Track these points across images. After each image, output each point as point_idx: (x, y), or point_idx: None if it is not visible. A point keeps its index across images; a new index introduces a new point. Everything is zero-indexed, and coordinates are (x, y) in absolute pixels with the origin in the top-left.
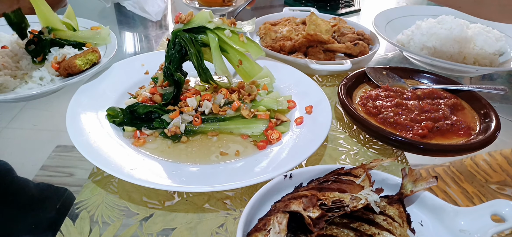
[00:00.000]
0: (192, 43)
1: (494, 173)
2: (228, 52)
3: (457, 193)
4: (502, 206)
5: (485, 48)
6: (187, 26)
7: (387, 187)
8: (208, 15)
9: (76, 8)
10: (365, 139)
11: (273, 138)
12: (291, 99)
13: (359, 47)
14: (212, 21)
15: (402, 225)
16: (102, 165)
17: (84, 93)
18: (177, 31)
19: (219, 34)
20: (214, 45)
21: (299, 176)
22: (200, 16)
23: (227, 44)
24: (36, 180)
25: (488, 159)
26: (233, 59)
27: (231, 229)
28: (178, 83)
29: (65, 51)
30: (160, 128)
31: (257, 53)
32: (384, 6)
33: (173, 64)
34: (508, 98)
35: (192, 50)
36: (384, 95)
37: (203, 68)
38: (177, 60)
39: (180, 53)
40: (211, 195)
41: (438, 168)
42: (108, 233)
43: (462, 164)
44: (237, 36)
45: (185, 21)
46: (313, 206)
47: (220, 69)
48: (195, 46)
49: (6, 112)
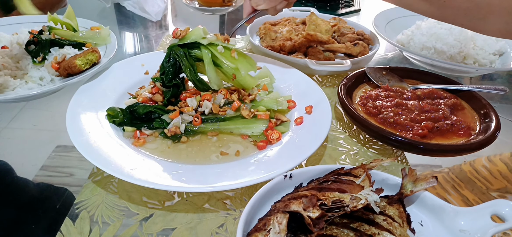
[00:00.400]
0: (185, 57)
1: (495, 180)
2: (222, 66)
3: (458, 201)
4: (502, 206)
5: (485, 48)
6: (182, 41)
7: (387, 187)
8: (201, 32)
9: (76, 8)
10: (365, 139)
11: (273, 138)
12: (291, 99)
13: (359, 47)
14: (206, 37)
15: (402, 225)
16: (102, 165)
17: (84, 93)
18: (173, 46)
19: (212, 50)
20: (207, 60)
21: (299, 176)
22: (194, 32)
23: (220, 60)
24: (36, 180)
25: (487, 165)
26: (228, 73)
27: (231, 229)
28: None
29: (65, 51)
30: (160, 128)
31: (247, 69)
32: (384, 6)
33: (167, 76)
34: (508, 98)
35: (185, 64)
36: (384, 95)
37: (198, 79)
38: (171, 73)
39: (175, 67)
40: (211, 195)
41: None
42: (108, 233)
43: (462, 170)
44: (229, 51)
45: (180, 36)
46: (313, 206)
47: (214, 83)
48: (189, 61)
49: (6, 112)
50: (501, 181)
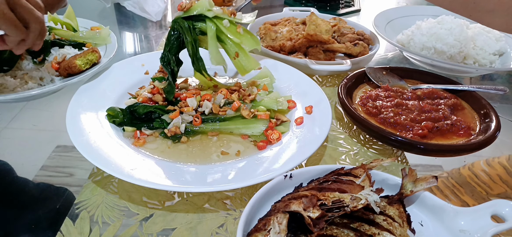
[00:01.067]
0: (189, 31)
1: (495, 185)
2: (226, 43)
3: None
4: (502, 206)
5: (485, 48)
6: (187, 13)
7: (387, 187)
8: (207, 3)
9: (76, 8)
10: (365, 139)
11: (273, 138)
12: (291, 99)
13: (359, 47)
14: (212, 9)
15: (402, 225)
16: (102, 165)
17: (84, 93)
18: (177, 18)
19: (217, 24)
20: (211, 34)
21: (299, 176)
22: (200, 4)
23: (225, 34)
24: (36, 180)
25: (487, 169)
26: (230, 50)
27: (231, 229)
28: (173, 72)
29: (65, 51)
30: (160, 128)
31: (252, 45)
32: (384, 6)
33: (172, 52)
34: (508, 98)
35: (188, 38)
36: (384, 95)
37: (198, 57)
38: (176, 48)
39: (178, 41)
40: (211, 195)
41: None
42: (108, 233)
43: (461, 175)
44: (235, 27)
45: (185, 9)
46: (313, 206)
47: (214, 59)
48: (192, 35)
49: (6, 112)
50: (501, 186)
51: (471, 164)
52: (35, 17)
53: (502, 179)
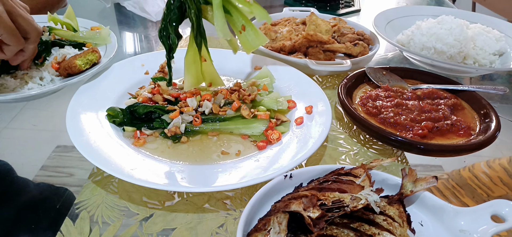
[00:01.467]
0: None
1: (495, 187)
2: (232, 14)
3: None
4: (502, 206)
5: (485, 48)
6: None
7: (387, 187)
8: None
9: (76, 8)
10: (365, 139)
11: (273, 138)
12: (291, 99)
13: (359, 47)
14: None
15: (402, 225)
16: (102, 165)
17: (84, 93)
18: None
19: None
20: (217, 3)
21: (299, 176)
22: None
23: (232, 5)
24: (36, 180)
25: (487, 170)
26: (237, 23)
27: (231, 229)
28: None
29: (65, 51)
30: (160, 128)
31: (262, 16)
32: (384, 6)
33: (172, 22)
34: (508, 98)
35: (191, 8)
36: (384, 95)
37: (201, 31)
38: (177, 18)
39: (180, 10)
40: (211, 195)
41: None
42: (108, 233)
43: (461, 177)
44: None
45: None
46: (313, 206)
47: (220, 31)
48: (195, 4)
49: (6, 112)
50: (501, 188)
51: (472, 166)
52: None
53: (502, 181)
